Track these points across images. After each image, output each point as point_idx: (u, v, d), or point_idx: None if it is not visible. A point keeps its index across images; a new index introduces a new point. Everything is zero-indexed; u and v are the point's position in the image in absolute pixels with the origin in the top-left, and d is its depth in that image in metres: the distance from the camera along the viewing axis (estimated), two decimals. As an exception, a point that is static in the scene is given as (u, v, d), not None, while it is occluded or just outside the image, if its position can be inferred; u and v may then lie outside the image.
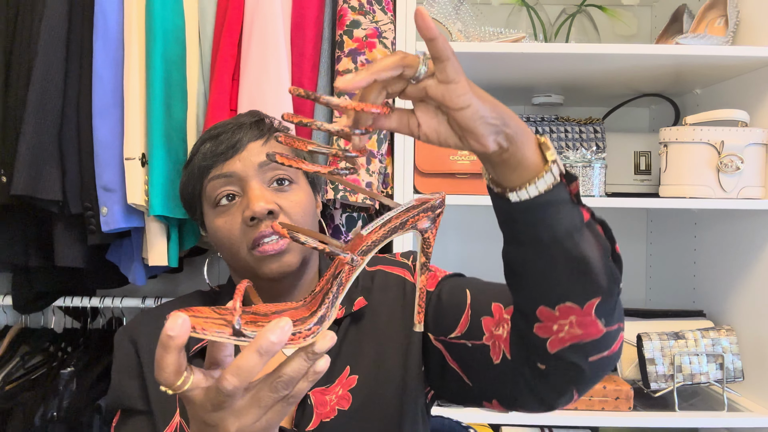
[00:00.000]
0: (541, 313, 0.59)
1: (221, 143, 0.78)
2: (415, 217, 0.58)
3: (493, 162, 0.55)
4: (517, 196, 0.55)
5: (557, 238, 0.56)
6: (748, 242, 1.41)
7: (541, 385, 0.64)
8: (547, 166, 0.55)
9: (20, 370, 1.45)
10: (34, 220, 1.28)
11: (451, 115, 0.51)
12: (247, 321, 0.52)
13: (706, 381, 1.32)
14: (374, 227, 0.57)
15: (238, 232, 0.76)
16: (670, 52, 1.28)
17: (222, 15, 1.23)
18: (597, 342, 0.59)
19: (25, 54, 1.22)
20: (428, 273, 0.59)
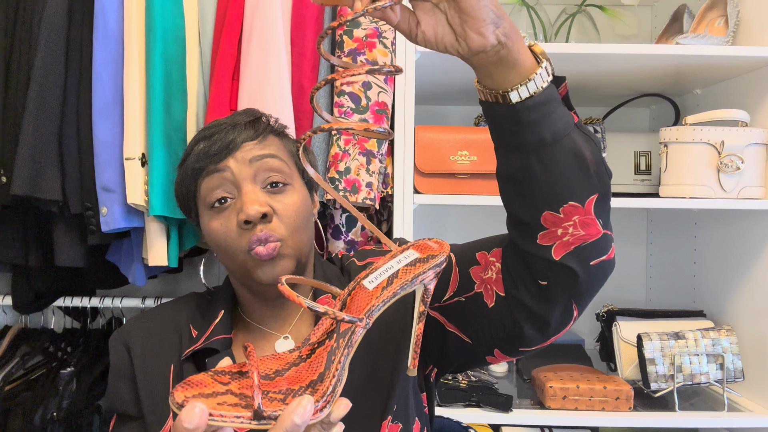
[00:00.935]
0: (545, 220, 0.61)
1: (215, 143, 0.77)
2: (425, 274, 0.58)
3: (489, 62, 0.56)
4: (518, 95, 0.57)
5: (558, 135, 0.58)
6: (748, 242, 1.41)
7: (541, 305, 0.65)
8: (541, 63, 0.58)
9: (20, 370, 1.45)
10: (34, 220, 1.28)
11: None
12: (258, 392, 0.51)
13: (707, 381, 1.32)
14: (380, 281, 0.57)
15: (235, 235, 0.76)
16: (671, 52, 1.28)
17: (222, 15, 1.23)
18: (597, 243, 0.62)
19: (25, 54, 1.21)
20: (424, 320, 0.60)
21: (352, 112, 1.21)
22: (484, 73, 0.58)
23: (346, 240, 1.25)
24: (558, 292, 0.64)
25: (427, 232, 1.74)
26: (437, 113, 1.79)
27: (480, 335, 0.72)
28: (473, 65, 0.58)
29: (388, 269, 0.58)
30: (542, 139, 0.58)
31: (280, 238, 0.75)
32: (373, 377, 0.76)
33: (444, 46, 0.55)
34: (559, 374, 1.33)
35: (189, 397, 0.48)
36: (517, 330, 0.68)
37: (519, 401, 1.33)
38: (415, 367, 0.60)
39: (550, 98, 0.58)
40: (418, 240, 0.63)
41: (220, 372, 0.53)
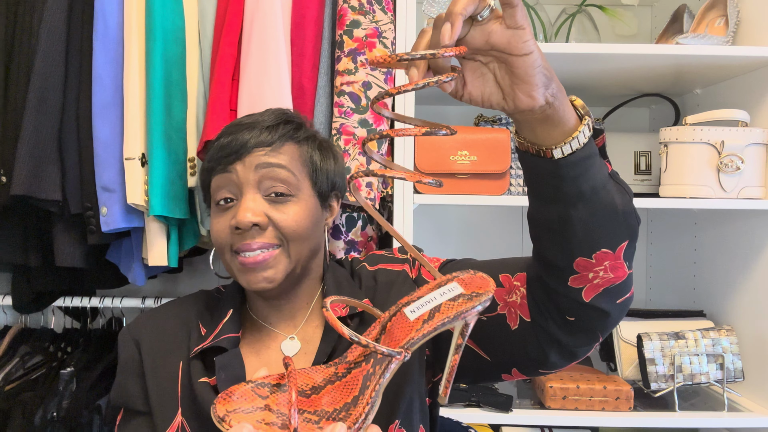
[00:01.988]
0: (578, 265, 0.62)
1: (230, 143, 0.78)
2: (469, 312, 0.58)
3: (534, 119, 0.56)
4: (561, 151, 0.57)
5: (596, 189, 0.60)
6: (748, 242, 1.41)
7: (569, 337, 0.68)
8: (585, 120, 0.58)
9: (20, 370, 1.45)
10: (34, 220, 1.28)
11: (511, 63, 0.52)
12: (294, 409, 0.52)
13: (707, 381, 1.32)
14: (421, 312, 0.57)
15: (226, 236, 0.77)
16: (671, 52, 1.28)
17: (222, 15, 1.23)
18: (623, 284, 0.64)
19: (25, 54, 1.22)
20: (461, 352, 0.61)
21: (352, 112, 1.21)
22: (527, 129, 0.59)
23: (346, 240, 1.25)
24: (586, 327, 0.67)
25: (427, 232, 1.74)
26: (437, 113, 1.79)
27: (500, 354, 0.74)
28: (516, 120, 0.59)
29: (430, 301, 0.58)
30: (581, 192, 0.59)
31: (278, 243, 0.77)
32: None
33: (490, 104, 0.56)
34: (559, 374, 1.33)
35: (230, 412, 0.51)
36: (541, 355, 0.70)
37: (519, 401, 1.33)
38: (447, 396, 0.62)
39: (590, 153, 0.59)
40: (464, 272, 0.63)
41: (259, 384, 0.55)
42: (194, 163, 1.22)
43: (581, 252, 0.61)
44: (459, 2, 0.51)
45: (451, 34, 0.49)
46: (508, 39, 0.52)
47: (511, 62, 0.53)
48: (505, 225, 1.71)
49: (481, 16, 0.51)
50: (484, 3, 0.51)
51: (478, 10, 0.51)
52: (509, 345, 0.72)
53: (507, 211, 1.71)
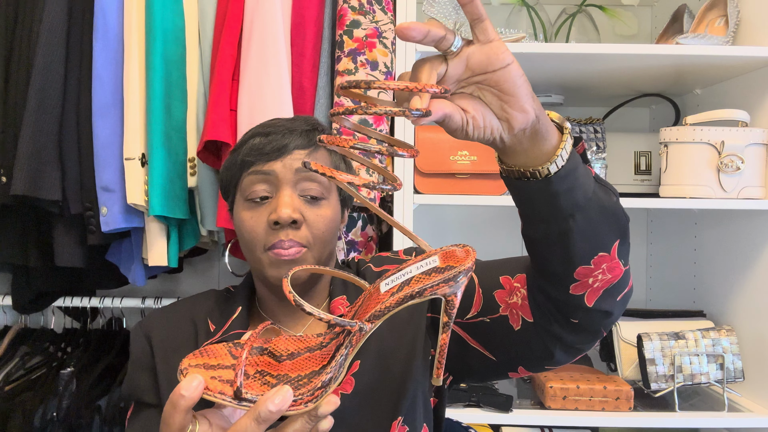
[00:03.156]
0: (578, 273, 0.63)
1: (270, 143, 0.80)
2: (435, 286, 0.56)
3: (525, 138, 0.56)
4: (556, 165, 0.57)
5: (587, 195, 0.60)
6: (748, 242, 1.41)
7: (573, 336, 0.68)
8: (566, 130, 0.58)
9: (20, 370, 1.45)
10: (34, 221, 1.28)
11: (495, 80, 0.52)
12: (256, 372, 0.52)
13: (707, 381, 1.32)
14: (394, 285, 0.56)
15: (261, 231, 0.79)
16: (671, 52, 1.28)
17: (222, 15, 1.23)
18: (621, 281, 0.65)
19: (25, 54, 1.22)
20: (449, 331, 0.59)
21: (352, 112, 1.21)
22: (516, 152, 0.58)
23: (346, 240, 1.25)
24: (590, 327, 0.67)
25: (427, 233, 1.73)
26: (437, 113, 1.79)
27: (505, 354, 0.75)
28: (506, 149, 0.58)
29: (405, 274, 0.56)
30: (577, 203, 0.59)
31: (305, 245, 0.79)
32: (385, 380, 0.78)
33: (491, 131, 0.55)
34: (559, 374, 1.33)
35: (192, 366, 0.51)
36: (546, 353, 0.71)
37: (519, 401, 1.33)
38: (440, 377, 0.60)
39: (577, 162, 0.59)
40: (449, 246, 0.61)
41: (237, 344, 0.55)
42: (194, 163, 1.22)
43: (581, 261, 0.62)
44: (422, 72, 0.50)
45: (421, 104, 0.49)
46: (486, 55, 0.52)
47: (495, 79, 0.52)
48: (505, 225, 1.71)
49: (454, 47, 0.51)
50: (452, 35, 0.51)
51: (449, 42, 0.51)
52: (513, 345, 0.73)
53: (507, 211, 1.71)
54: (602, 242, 0.62)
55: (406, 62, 1.25)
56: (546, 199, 0.59)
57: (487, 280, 0.75)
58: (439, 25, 0.50)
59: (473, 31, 0.52)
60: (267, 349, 0.55)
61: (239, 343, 0.56)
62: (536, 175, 0.58)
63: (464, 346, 0.77)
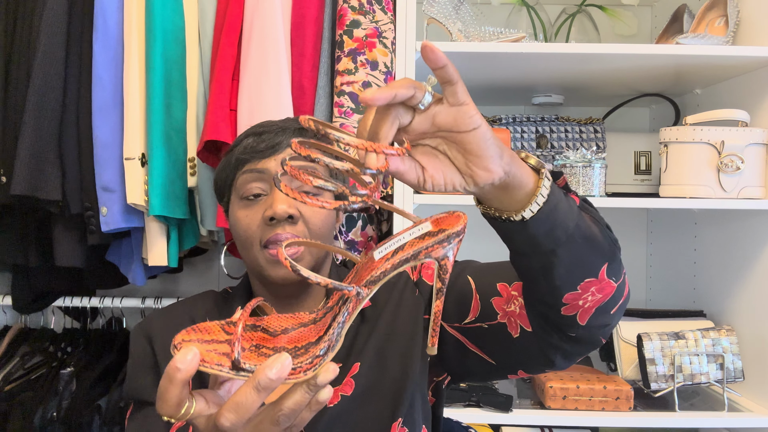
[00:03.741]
0: (566, 299, 0.62)
1: (263, 141, 0.81)
2: (430, 248, 0.55)
3: (495, 191, 0.55)
4: (530, 211, 0.56)
5: (570, 232, 0.59)
6: (748, 242, 1.41)
7: (572, 346, 0.68)
8: (542, 174, 0.57)
9: (20, 370, 1.45)
10: (34, 220, 1.28)
11: (461, 140, 0.51)
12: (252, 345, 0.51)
13: (707, 381, 1.32)
14: (387, 251, 0.55)
15: (256, 228, 0.79)
16: (671, 52, 1.28)
17: (222, 15, 1.23)
18: (613, 297, 0.64)
19: (24, 54, 1.22)
20: (443, 297, 0.58)
21: (353, 112, 1.21)
22: (490, 199, 0.57)
23: (346, 240, 1.25)
24: (588, 339, 0.68)
25: (427, 232, 1.73)
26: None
27: (505, 359, 0.75)
28: (477, 196, 0.57)
29: (398, 241, 0.56)
30: (557, 240, 0.59)
31: None
32: (384, 382, 0.78)
33: (453, 186, 0.53)
34: (559, 374, 1.33)
35: (186, 341, 0.50)
36: (546, 360, 0.71)
37: (519, 401, 1.33)
38: (435, 345, 0.59)
39: (556, 202, 0.57)
40: (439, 214, 0.59)
41: (230, 322, 0.54)
42: (194, 163, 1.22)
43: (568, 288, 0.62)
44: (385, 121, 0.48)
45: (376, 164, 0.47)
46: (453, 117, 0.50)
47: (461, 139, 0.51)
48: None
49: (423, 105, 0.50)
50: (421, 92, 0.49)
51: (417, 100, 0.49)
52: (512, 351, 0.73)
53: (507, 211, 1.71)
54: (588, 269, 0.61)
55: (406, 62, 1.25)
56: (525, 239, 0.59)
57: (484, 286, 0.75)
58: (407, 84, 0.48)
59: (444, 93, 0.50)
60: (260, 326, 0.55)
61: (231, 321, 0.55)
62: (510, 219, 0.57)
63: (463, 349, 0.77)
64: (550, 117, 1.53)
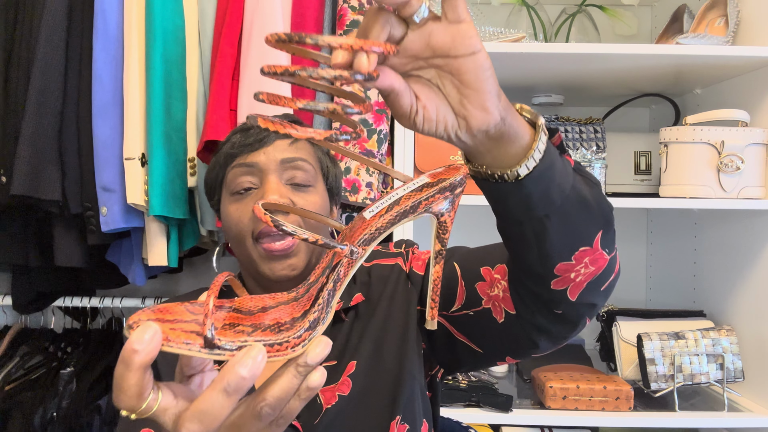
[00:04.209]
0: (558, 269, 0.58)
1: (250, 136, 0.80)
2: (430, 198, 0.50)
3: (488, 140, 0.49)
4: (525, 168, 0.51)
5: (566, 194, 0.54)
6: (748, 242, 1.41)
7: (558, 326, 0.65)
8: (539, 127, 0.52)
9: (20, 370, 1.45)
10: (33, 221, 1.28)
11: (457, 68, 0.45)
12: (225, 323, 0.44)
13: (707, 381, 1.32)
14: (380, 209, 0.49)
15: (247, 221, 0.78)
16: (671, 52, 1.28)
17: (222, 15, 1.23)
18: (605, 271, 0.60)
19: (24, 54, 1.21)
20: (442, 262, 0.52)
21: (352, 112, 1.21)
22: (482, 153, 0.51)
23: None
24: (574, 318, 0.64)
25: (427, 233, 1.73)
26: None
27: (491, 347, 0.73)
28: (468, 147, 0.50)
29: (392, 197, 0.50)
30: (552, 202, 0.54)
31: None
32: (381, 379, 0.77)
33: (444, 126, 0.47)
34: (559, 374, 1.33)
35: (144, 320, 0.41)
36: (531, 344, 0.69)
37: (519, 401, 1.32)
38: (434, 318, 0.53)
39: (553, 159, 0.53)
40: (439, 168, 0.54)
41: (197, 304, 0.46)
42: (194, 163, 1.22)
43: (560, 258, 0.57)
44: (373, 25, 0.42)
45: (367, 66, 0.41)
46: (451, 36, 0.44)
47: (457, 67, 0.45)
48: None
49: (417, 17, 0.44)
50: (417, 3, 0.43)
51: (413, 9, 0.43)
52: (498, 338, 0.70)
53: (507, 211, 1.71)
54: (583, 237, 0.57)
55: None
56: (519, 201, 0.54)
57: (468, 272, 0.73)
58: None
59: (442, 6, 0.44)
60: (232, 307, 0.47)
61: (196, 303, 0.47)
62: (504, 178, 0.52)
63: (452, 339, 0.76)
64: (550, 117, 1.53)
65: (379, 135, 1.22)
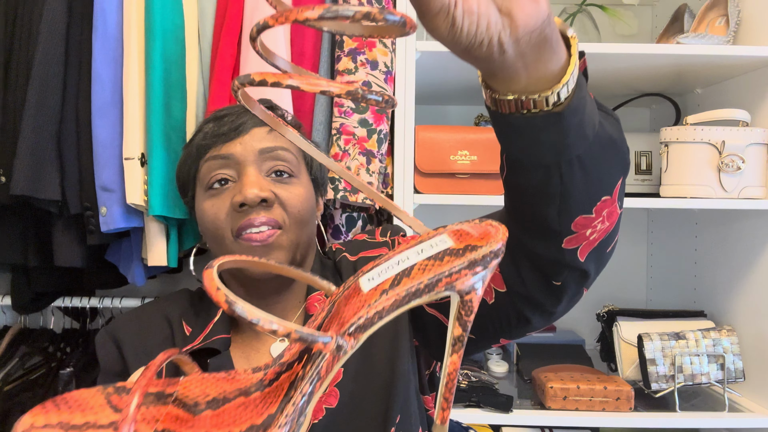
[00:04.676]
0: (576, 225, 0.51)
1: (224, 124, 0.73)
2: (455, 275, 0.37)
3: (531, 45, 0.41)
4: (566, 88, 0.43)
5: (596, 129, 0.47)
6: (749, 242, 1.41)
7: (553, 300, 0.59)
8: (572, 39, 0.45)
9: (19, 370, 1.45)
10: (33, 221, 1.27)
11: None
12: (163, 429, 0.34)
13: (707, 381, 1.32)
14: (382, 279, 0.38)
15: (224, 217, 0.71)
16: (671, 51, 1.28)
17: (222, 14, 1.23)
18: (614, 230, 0.55)
19: (24, 53, 1.21)
20: (461, 351, 0.39)
21: (352, 111, 1.20)
22: (518, 70, 0.43)
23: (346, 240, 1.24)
24: (573, 287, 0.58)
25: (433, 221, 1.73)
26: (437, 113, 1.79)
27: (484, 331, 0.67)
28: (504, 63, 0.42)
29: (400, 262, 0.38)
30: (585, 138, 0.46)
31: (280, 224, 0.70)
32: (373, 386, 0.70)
33: (487, 25, 0.39)
34: (559, 375, 1.33)
35: (39, 428, 0.32)
36: (524, 321, 0.63)
37: (519, 402, 1.32)
38: (445, 422, 0.40)
39: (583, 85, 0.46)
40: (463, 222, 0.42)
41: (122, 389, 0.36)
42: (194, 163, 1.22)
43: (581, 210, 0.50)
44: None
45: None
46: None
47: None
48: (505, 225, 1.70)
49: None
50: None
51: None
52: (490, 320, 0.65)
53: (507, 211, 1.71)
54: (606, 183, 0.50)
55: (406, 62, 1.25)
56: (552, 138, 0.46)
57: None
58: None
59: None
60: (173, 396, 0.37)
61: (124, 387, 0.37)
62: (543, 104, 0.43)
63: (443, 328, 0.70)
64: (551, 117, 1.52)
65: (379, 135, 1.22)
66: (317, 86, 0.33)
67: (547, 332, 1.65)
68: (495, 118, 0.47)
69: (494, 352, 1.60)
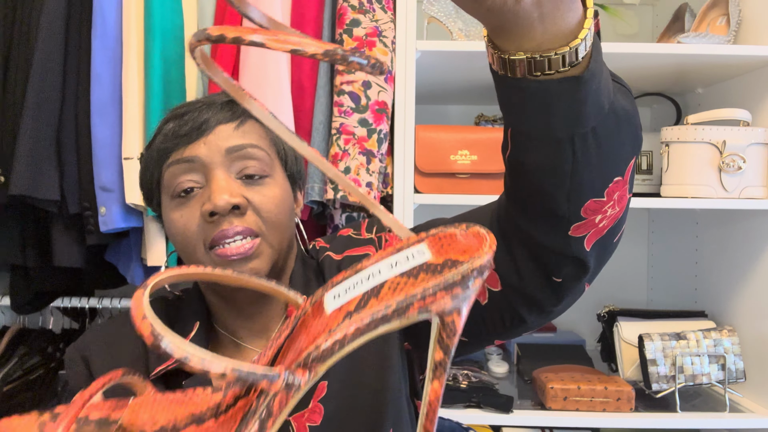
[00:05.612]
0: (586, 210, 0.48)
1: (185, 123, 0.66)
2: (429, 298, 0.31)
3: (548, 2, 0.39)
4: (584, 45, 0.40)
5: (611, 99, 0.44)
6: (750, 242, 1.41)
7: (552, 298, 0.55)
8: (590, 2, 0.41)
9: (18, 370, 1.44)
10: (32, 220, 1.27)
11: None
12: None
13: (708, 382, 1.31)
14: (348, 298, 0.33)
15: (195, 228, 0.64)
16: (672, 51, 1.28)
17: (221, 14, 1.23)
18: (622, 217, 0.51)
19: (23, 53, 1.21)
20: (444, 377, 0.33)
21: (352, 111, 1.20)
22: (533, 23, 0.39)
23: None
24: (574, 284, 0.54)
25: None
26: (437, 113, 1.79)
27: (478, 334, 0.63)
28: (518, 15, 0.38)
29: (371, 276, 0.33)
30: (600, 107, 0.42)
31: (256, 233, 0.64)
32: (360, 398, 0.65)
33: None
34: (560, 375, 1.33)
35: None
36: (520, 322, 0.59)
37: (520, 402, 1.32)
38: None
39: (600, 48, 0.42)
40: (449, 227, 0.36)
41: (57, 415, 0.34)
42: (193, 163, 1.22)
43: (593, 192, 0.46)
44: None
45: None
46: None
47: None
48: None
49: None
50: None
51: None
52: (484, 322, 0.60)
53: (507, 211, 1.70)
54: (619, 162, 0.46)
55: (406, 61, 1.25)
56: (568, 106, 0.41)
57: None
58: None
59: None
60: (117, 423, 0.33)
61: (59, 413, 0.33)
62: (559, 63, 0.39)
63: None
64: (551, 116, 1.52)
65: (379, 135, 1.21)
66: (286, 44, 0.28)
67: (547, 332, 1.64)
68: (501, 84, 0.42)
69: (494, 352, 1.60)
